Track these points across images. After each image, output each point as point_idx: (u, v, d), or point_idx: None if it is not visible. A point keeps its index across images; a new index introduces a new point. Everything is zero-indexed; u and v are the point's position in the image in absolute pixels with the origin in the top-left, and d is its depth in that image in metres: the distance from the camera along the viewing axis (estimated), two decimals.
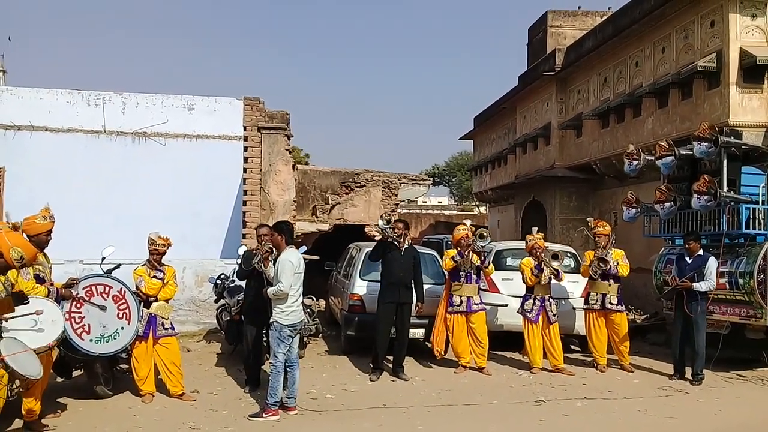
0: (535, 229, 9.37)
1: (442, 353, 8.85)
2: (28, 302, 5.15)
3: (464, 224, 9.11)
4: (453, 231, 9.21)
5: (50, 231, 6.10)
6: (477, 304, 8.72)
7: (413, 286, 8.39)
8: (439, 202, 72.98)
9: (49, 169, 12.93)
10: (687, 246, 8.53)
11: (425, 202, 60.18)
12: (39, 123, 13.26)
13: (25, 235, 5.87)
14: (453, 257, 8.75)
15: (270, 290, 6.49)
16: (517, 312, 9.03)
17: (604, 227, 9.20)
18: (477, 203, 42.82)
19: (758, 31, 12.07)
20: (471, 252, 8.68)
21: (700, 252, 8.45)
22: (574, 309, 9.46)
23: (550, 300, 8.88)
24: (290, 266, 6.40)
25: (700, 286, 8.21)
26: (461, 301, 8.70)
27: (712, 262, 8.33)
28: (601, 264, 8.88)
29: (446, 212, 46.94)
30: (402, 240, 8.39)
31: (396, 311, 8.28)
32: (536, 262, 8.83)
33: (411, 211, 37.03)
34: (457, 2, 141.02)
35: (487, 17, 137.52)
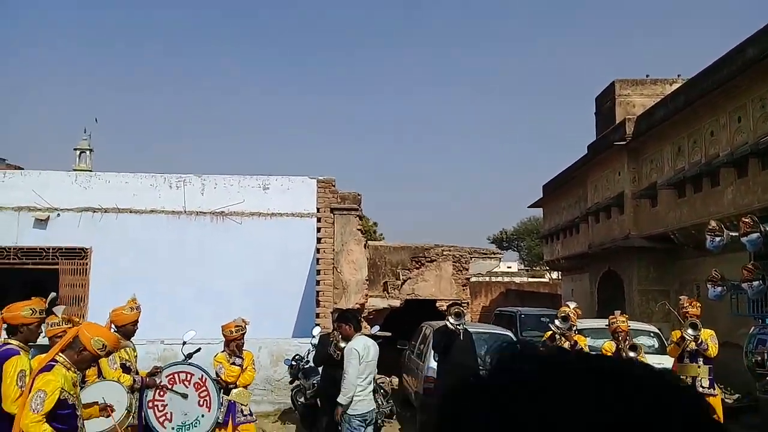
0: (618, 312, 9.07)
1: None
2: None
3: (567, 305, 8.86)
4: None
5: (137, 321, 6.37)
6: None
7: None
8: (508, 268, 71.82)
9: (132, 248, 13.53)
10: None
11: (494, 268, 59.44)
12: (124, 205, 13.97)
13: (113, 326, 6.13)
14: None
15: (339, 399, 6.38)
16: None
17: (696, 308, 8.81)
18: (547, 269, 42.02)
19: None
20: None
21: None
22: None
23: None
24: (355, 354, 6.37)
25: None
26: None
27: None
28: (690, 331, 8.32)
29: (516, 279, 46.14)
30: (460, 327, 8.20)
31: None
32: (616, 348, 8.49)
33: (480, 280, 36.55)
34: (520, 71, 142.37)
35: (554, 86, 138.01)
